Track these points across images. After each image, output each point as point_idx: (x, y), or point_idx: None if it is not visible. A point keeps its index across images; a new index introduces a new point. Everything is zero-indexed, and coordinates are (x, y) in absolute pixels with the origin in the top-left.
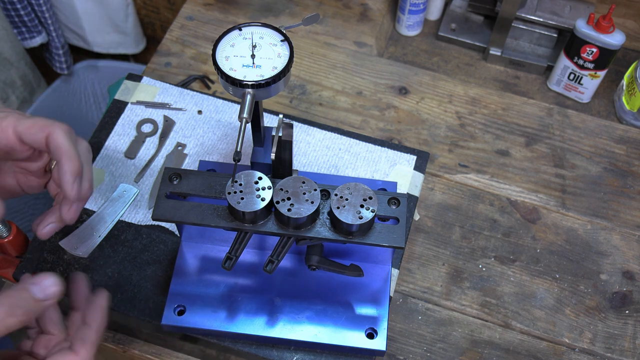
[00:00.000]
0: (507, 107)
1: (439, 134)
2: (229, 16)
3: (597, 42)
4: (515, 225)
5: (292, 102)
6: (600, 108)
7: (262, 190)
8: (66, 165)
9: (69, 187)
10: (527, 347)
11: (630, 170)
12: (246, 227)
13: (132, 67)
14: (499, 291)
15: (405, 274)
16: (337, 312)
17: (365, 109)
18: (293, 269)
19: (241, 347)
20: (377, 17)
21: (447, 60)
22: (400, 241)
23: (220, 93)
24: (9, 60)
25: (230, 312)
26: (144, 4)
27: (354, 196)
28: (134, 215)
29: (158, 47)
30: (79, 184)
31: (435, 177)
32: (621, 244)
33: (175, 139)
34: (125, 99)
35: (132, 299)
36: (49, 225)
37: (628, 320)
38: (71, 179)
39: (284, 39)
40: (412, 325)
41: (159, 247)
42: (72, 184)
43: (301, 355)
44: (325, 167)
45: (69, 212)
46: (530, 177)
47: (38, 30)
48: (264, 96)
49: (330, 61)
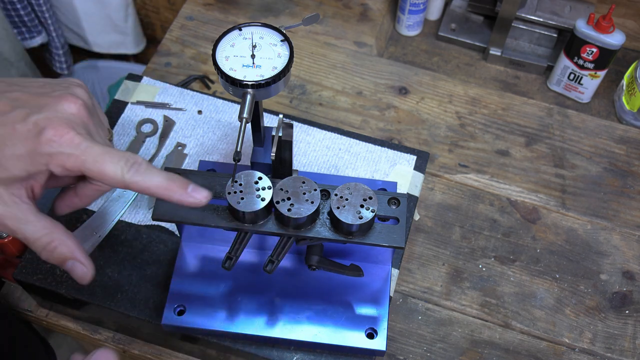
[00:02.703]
0: (507, 107)
1: (439, 134)
2: (229, 16)
3: (597, 42)
4: (515, 225)
5: (292, 102)
6: (600, 108)
7: (262, 190)
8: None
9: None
10: (527, 347)
11: (630, 170)
12: (246, 227)
13: (132, 67)
14: (499, 291)
15: (405, 274)
16: (337, 312)
17: (365, 109)
18: (293, 269)
19: (241, 347)
20: (377, 17)
21: (447, 60)
22: (400, 241)
23: (220, 93)
24: (9, 60)
25: (230, 312)
26: (144, 4)
27: (354, 196)
28: (134, 215)
29: (158, 47)
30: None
31: (435, 177)
32: (621, 244)
33: (175, 139)
34: (125, 99)
35: (132, 299)
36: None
37: (628, 320)
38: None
39: (284, 39)
40: (412, 325)
41: (159, 247)
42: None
43: (301, 355)
44: (325, 167)
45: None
46: (530, 177)
47: (38, 30)
48: (264, 96)
49: (330, 61)
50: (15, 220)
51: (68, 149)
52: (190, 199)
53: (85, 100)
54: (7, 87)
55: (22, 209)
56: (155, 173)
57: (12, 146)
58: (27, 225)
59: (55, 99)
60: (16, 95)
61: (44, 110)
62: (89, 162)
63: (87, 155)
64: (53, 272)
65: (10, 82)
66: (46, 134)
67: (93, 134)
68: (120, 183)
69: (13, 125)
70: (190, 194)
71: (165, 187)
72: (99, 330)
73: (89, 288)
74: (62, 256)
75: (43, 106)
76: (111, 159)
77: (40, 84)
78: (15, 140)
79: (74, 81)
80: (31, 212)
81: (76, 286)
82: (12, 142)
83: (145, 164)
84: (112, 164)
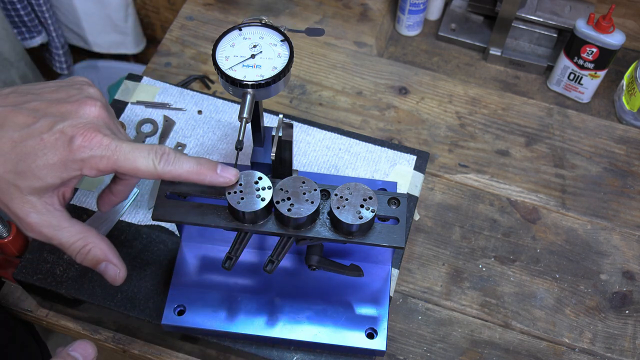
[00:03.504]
0: (507, 107)
1: (439, 134)
2: (229, 16)
3: (597, 42)
4: (515, 225)
5: (292, 102)
6: (600, 108)
7: (262, 190)
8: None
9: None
10: (527, 347)
11: (630, 170)
12: (246, 227)
13: (132, 67)
14: (499, 291)
15: (405, 274)
16: (337, 312)
17: (365, 109)
18: (293, 269)
19: (241, 347)
20: (377, 17)
21: (447, 60)
22: (400, 241)
23: (220, 93)
24: (9, 60)
25: (230, 312)
26: (144, 4)
27: (354, 196)
28: (134, 215)
29: (158, 47)
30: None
31: (435, 177)
32: (621, 244)
33: (175, 139)
34: (125, 98)
35: (132, 299)
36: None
37: (628, 320)
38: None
39: (284, 39)
40: (412, 325)
41: (159, 247)
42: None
43: (301, 355)
44: (325, 167)
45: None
46: (530, 177)
47: (38, 30)
48: (264, 96)
49: (330, 61)
50: (51, 228)
51: (99, 151)
52: (221, 179)
53: (101, 100)
54: (21, 97)
55: (56, 216)
56: (184, 160)
57: (44, 156)
58: (62, 231)
59: (75, 105)
60: (35, 105)
61: (67, 118)
62: (121, 161)
63: (118, 154)
64: (53, 272)
65: (22, 92)
66: (76, 141)
67: (115, 132)
68: (154, 174)
69: (40, 136)
70: (220, 174)
71: (197, 172)
72: (99, 330)
73: (89, 288)
74: (95, 259)
75: (65, 113)
76: (141, 153)
77: (52, 88)
78: (46, 151)
79: (83, 80)
80: (64, 218)
81: (76, 286)
82: (43, 152)
83: (173, 152)
84: (143, 159)
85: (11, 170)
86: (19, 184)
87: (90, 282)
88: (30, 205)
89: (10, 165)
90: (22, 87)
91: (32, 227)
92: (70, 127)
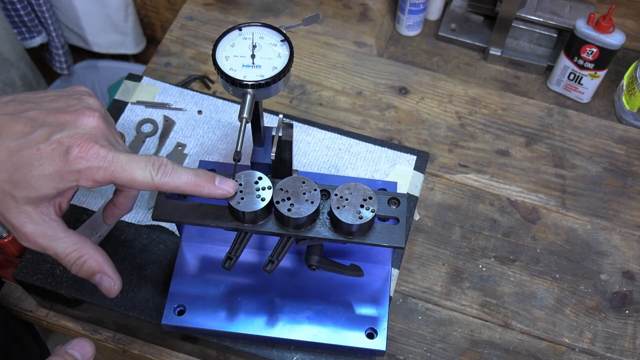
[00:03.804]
0: (507, 107)
1: (439, 134)
2: (229, 16)
3: (597, 42)
4: (515, 225)
5: (292, 102)
6: (600, 108)
7: (262, 190)
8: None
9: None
10: (527, 347)
11: (630, 170)
12: (246, 227)
13: (132, 67)
14: (499, 291)
15: (405, 274)
16: (337, 312)
17: (365, 109)
18: (293, 269)
19: (241, 347)
20: (377, 17)
21: (447, 60)
22: (400, 241)
23: (220, 93)
24: (9, 60)
25: (230, 312)
26: (144, 4)
27: (354, 196)
28: (134, 215)
29: (158, 47)
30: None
31: (435, 177)
32: (621, 244)
33: (175, 139)
34: (125, 99)
35: (132, 299)
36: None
37: (628, 320)
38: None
39: (284, 39)
40: (412, 325)
41: (159, 247)
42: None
43: (301, 355)
44: (325, 167)
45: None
46: (530, 177)
47: (38, 30)
48: (264, 96)
49: (330, 61)
50: (46, 238)
51: (95, 162)
52: (219, 191)
53: (100, 111)
54: (19, 105)
55: (52, 227)
56: (182, 171)
57: (40, 166)
58: (57, 242)
59: (73, 115)
60: (33, 114)
61: (65, 128)
62: (117, 172)
63: (115, 165)
64: (53, 272)
65: (21, 100)
66: (73, 152)
67: (113, 143)
68: (152, 186)
69: (37, 145)
70: (218, 187)
71: (195, 184)
72: (99, 330)
73: (89, 288)
74: (90, 270)
75: (63, 124)
76: (138, 164)
77: (52, 97)
78: (42, 161)
79: (83, 90)
80: (60, 229)
81: (76, 286)
82: (39, 162)
83: (171, 164)
84: (140, 170)
85: (7, 180)
86: (14, 193)
87: (90, 282)
88: (26, 215)
89: (6, 175)
90: (21, 95)
91: (27, 237)
92: (68, 137)
